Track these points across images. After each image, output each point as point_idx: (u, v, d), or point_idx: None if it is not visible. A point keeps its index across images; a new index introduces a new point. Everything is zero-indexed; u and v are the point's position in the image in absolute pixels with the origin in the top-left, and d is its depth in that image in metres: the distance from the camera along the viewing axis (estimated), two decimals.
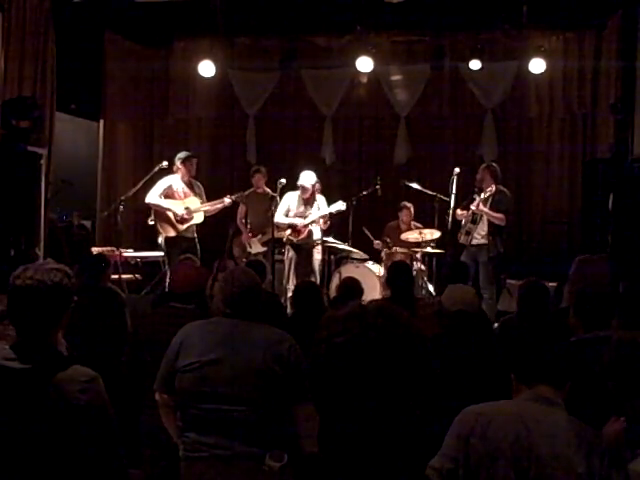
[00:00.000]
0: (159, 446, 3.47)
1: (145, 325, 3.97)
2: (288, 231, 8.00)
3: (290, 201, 8.05)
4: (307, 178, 7.95)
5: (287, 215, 8.01)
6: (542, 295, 4.10)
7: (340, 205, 7.88)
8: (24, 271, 2.20)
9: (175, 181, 7.74)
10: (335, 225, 8.61)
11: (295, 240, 7.99)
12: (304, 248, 8.02)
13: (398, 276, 4.86)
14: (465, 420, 2.13)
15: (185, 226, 7.69)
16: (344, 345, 1.29)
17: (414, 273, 7.68)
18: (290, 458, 2.92)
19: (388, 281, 5.03)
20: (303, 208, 8.01)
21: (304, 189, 7.93)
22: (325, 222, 7.99)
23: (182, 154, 7.84)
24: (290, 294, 7.83)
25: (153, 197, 7.61)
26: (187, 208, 7.70)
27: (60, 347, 2.28)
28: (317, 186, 8.06)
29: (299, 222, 7.95)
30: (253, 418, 2.92)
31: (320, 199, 8.07)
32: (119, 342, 4.94)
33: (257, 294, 3.19)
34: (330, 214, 7.97)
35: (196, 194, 7.85)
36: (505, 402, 2.20)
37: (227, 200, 7.83)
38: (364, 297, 5.39)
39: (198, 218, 7.78)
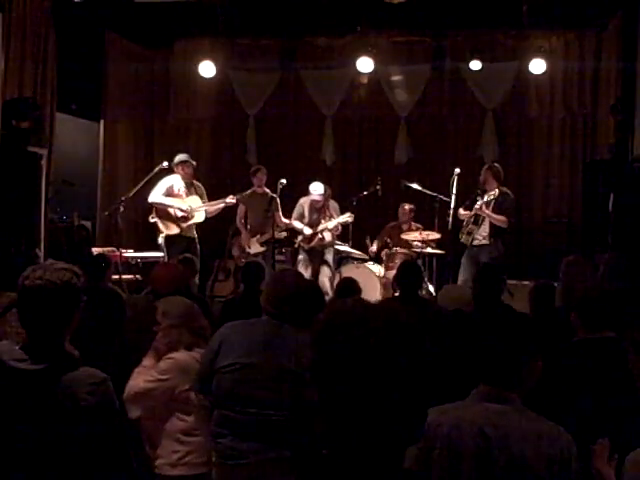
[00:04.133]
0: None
1: (131, 325, 3.94)
2: (300, 237, 8.17)
3: (303, 206, 8.21)
4: (316, 189, 8.09)
5: (301, 220, 8.17)
6: (553, 296, 4.10)
7: (347, 217, 8.02)
8: (33, 271, 2.19)
9: (176, 181, 7.75)
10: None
11: (306, 247, 8.13)
12: (317, 250, 8.17)
13: (408, 276, 4.81)
14: (427, 430, 2.11)
15: (187, 224, 7.71)
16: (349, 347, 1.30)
17: None
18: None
19: (397, 280, 4.98)
20: (316, 216, 8.15)
21: (315, 201, 8.10)
22: (336, 230, 8.16)
23: (179, 157, 7.86)
24: None
25: (157, 196, 7.63)
26: (189, 206, 7.74)
27: (69, 348, 2.27)
28: (328, 192, 8.21)
29: (308, 232, 8.08)
30: (289, 422, 2.90)
31: (332, 205, 8.21)
32: (119, 343, 4.95)
33: (304, 299, 3.17)
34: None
35: (197, 194, 7.88)
36: (462, 405, 2.17)
37: (230, 200, 7.87)
38: (363, 297, 5.38)
39: (199, 217, 7.80)
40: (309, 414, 2.90)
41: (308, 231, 8.08)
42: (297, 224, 8.14)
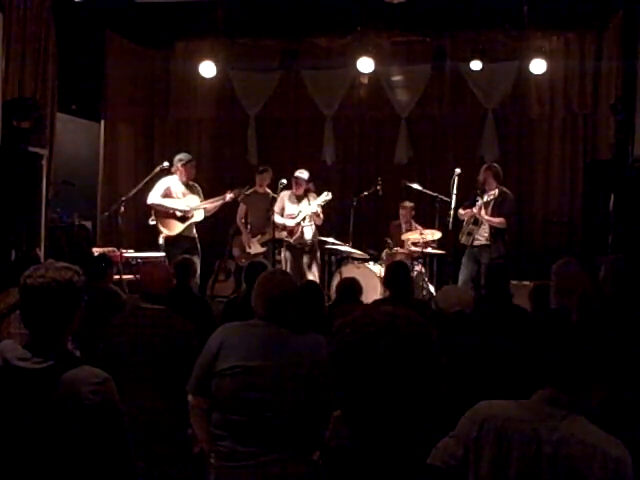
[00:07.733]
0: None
1: (115, 326, 3.89)
2: (284, 233, 8.08)
3: (284, 200, 8.13)
4: (302, 172, 8.09)
5: (282, 215, 8.10)
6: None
7: (325, 195, 7.93)
8: (35, 270, 2.22)
9: (174, 182, 7.76)
10: (336, 225, 8.60)
11: (292, 241, 8.04)
12: (297, 248, 8.10)
13: (397, 276, 4.83)
14: (473, 422, 2.09)
15: (187, 224, 7.72)
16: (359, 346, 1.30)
17: (414, 274, 7.69)
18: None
19: (386, 282, 5.00)
20: (295, 206, 8.08)
21: (298, 182, 8.02)
22: (317, 216, 8.01)
23: (182, 156, 7.84)
24: None
25: (155, 197, 7.65)
26: (188, 206, 7.74)
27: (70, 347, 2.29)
28: (310, 186, 8.13)
29: (290, 223, 8.02)
30: (291, 424, 2.88)
31: (311, 196, 8.10)
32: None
33: (296, 298, 3.13)
34: (322, 208, 8.01)
35: (195, 193, 7.88)
36: (520, 403, 2.14)
37: (228, 196, 7.87)
38: (364, 297, 5.39)
39: (198, 216, 7.81)
40: (317, 416, 2.88)
41: (290, 223, 8.01)
42: (278, 218, 8.05)
